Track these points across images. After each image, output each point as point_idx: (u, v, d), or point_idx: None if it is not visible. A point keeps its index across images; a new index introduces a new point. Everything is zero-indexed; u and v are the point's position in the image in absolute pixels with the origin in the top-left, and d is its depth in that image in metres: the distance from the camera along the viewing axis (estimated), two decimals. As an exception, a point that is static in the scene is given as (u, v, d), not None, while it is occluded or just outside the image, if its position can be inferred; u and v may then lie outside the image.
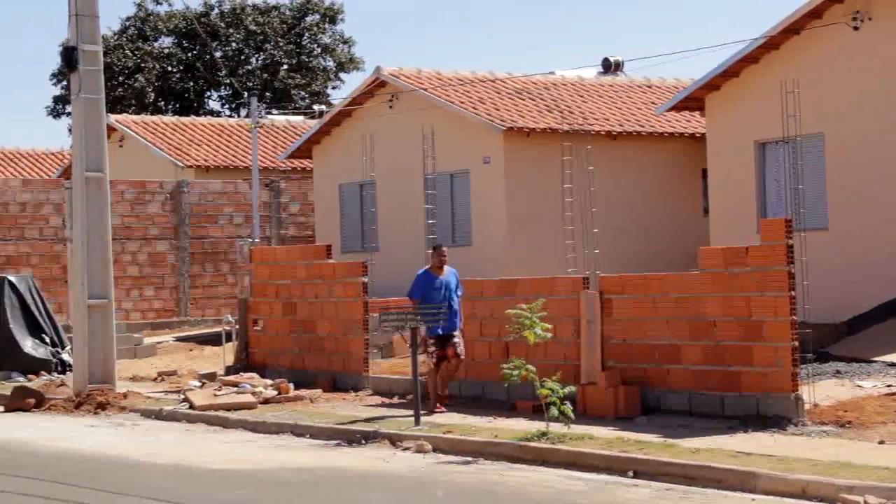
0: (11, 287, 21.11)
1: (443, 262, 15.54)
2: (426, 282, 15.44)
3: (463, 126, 24.50)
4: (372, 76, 25.94)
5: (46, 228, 26.69)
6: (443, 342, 15.30)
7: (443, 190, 24.78)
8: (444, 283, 15.43)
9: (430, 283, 15.41)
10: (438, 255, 15.59)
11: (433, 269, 15.55)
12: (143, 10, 48.21)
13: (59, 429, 15.48)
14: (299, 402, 16.78)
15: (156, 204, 28.17)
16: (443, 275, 15.49)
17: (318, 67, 49.03)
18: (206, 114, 46.61)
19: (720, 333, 13.75)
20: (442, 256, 15.57)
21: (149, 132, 33.29)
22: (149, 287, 27.91)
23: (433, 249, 15.88)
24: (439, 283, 15.39)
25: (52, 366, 20.56)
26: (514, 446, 12.52)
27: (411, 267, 24.38)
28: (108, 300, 18.11)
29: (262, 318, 19.77)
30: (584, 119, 24.93)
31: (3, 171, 38.37)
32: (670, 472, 11.14)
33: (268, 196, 29.45)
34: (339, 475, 11.82)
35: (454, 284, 15.55)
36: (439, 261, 15.54)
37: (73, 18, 18.00)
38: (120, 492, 10.82)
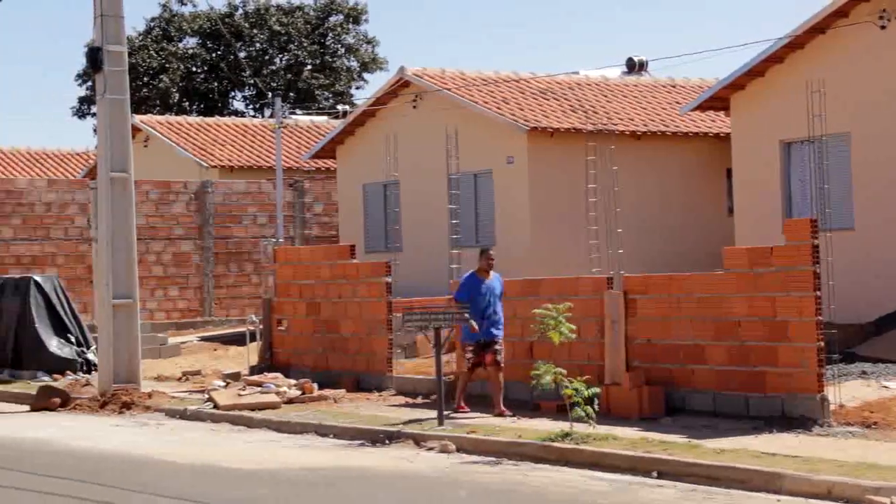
0: (37, 287, 21.21)
1: (490, 266, 15.20)
2: (473, 285, 15.08)
3: (487, 126, 24.48)
4: (396, 76, 25.96)
5: (72, 228, 26.81)
6: (482, 349, 14.96)
7: (466, 190, 24.77)
8: (490, 287, 15.11)
9: (477, 286, 15.05)
10: (486, 259, 15.21)
11: (480, 273, 15.22)
12: (167, 10, 48.40)
13: (84, 428, 15.54)
14: (323, 401, 16.79)
15: (180, 204, 28.27)
16: (489, 279, 15.16)
17: (341, 68, 49.10)
18: (230, 114, 46.74)
19: (745, 334, 13.70)
20: (490, 260, 15.21)
21: (173, 132, 33.41)
22: (173, 287, 28.01)
23: (481, 253, 15.48)
24: (485, 287, 15.06)
25: (77, 365, 20.65)
26: (537, 446, 12.50)
27: (435, 267, 24.46)
28: (133, 300, 18.17)
29: (286, 318, 19.80)
30: (609, 119, 24.87)
31: (29, 171, 38.57)
32: (694, 472, 11.10)
33: (292, 196, 29.51)
34: (363, 475, 11.83)
35: (499, 290, 15.21)
36: (487, 264, 15.19)
37: (99, 19, 18.07)
38: (144, 491, 10.86)
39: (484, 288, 15.03)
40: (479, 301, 14.90)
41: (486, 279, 15.13)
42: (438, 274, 23.85)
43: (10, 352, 21.03)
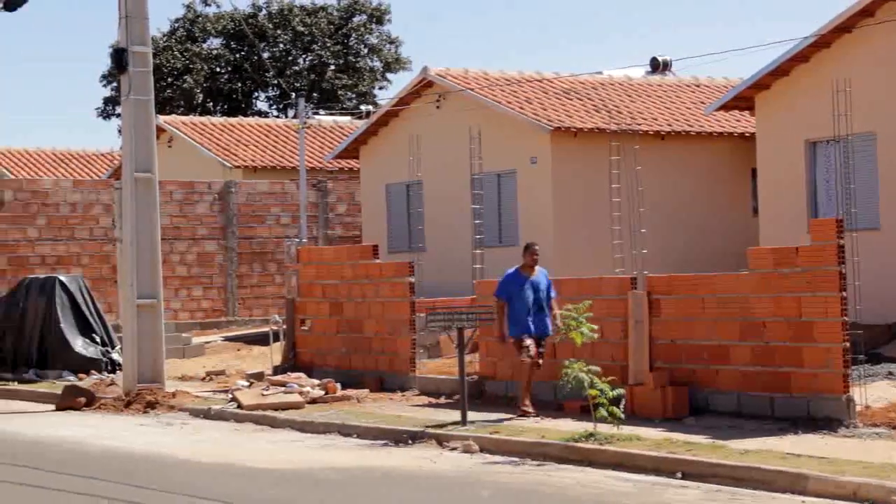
0: (62, 287, 21.31)
1: (535, 262, 14.80)
2: (514, 282, 14.75)
3: (510, 126, 24.45)
4: (419, 76, 25.96)
5: (96, 229, 26.92)
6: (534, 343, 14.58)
7: (489, 190, 24.75)
8: (535, 283, 14.72)
9: (519, 283, 14.72)
10: (531, 254, 14.84)
11: (523, 269, 14.85)
12: (191, 11, 48.56)
13: (109, 428, 15.60)
14: (346, 401, 16.81)
15: (204, 204, 28.35)
16: (533, 275, 14.78)
17: (365, 68, 49.16)
18: (253, 114, 46.86)
19: (770, 334, 13.64)
20: (534, 255, 14.81)
21: (197, 133, 33.52)
22: (197, 287, 28.09)
23: (525, 248, 15.10)
24: (529, 283, 14.69)
25: (102, 365, 20.72)
26: (561, 447, 12.47)
27: (458, 267, 24.45)
28: (157, 300, 18.23)
29: (309, 318, 19.83)
30: (632, 119, 24.81)
31: (54, 171, 38.77)
32: (719, 473, 11.06)
33: (315, 196, 29.56)
34: (386, 475, 11.83)
35: (545, 285, 14.82)
36: (532, 260, 14.80)
37: (123, 20, 18.13)
38: (169, 490, 10.89)
39: (529, 284, 14.66)
40: (523, 297, 14.56)
41: (530, 275, 14.76)
42: (462, 274, 23.84)
43: (36, 351, 21.13)
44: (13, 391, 19.84)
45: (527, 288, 14.66)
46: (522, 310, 14.62)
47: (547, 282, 14.88)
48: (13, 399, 19.34)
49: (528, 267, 14.85)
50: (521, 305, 14.61)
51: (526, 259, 14.89)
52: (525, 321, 14.61)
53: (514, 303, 14.65)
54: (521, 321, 14.64)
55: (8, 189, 26.47)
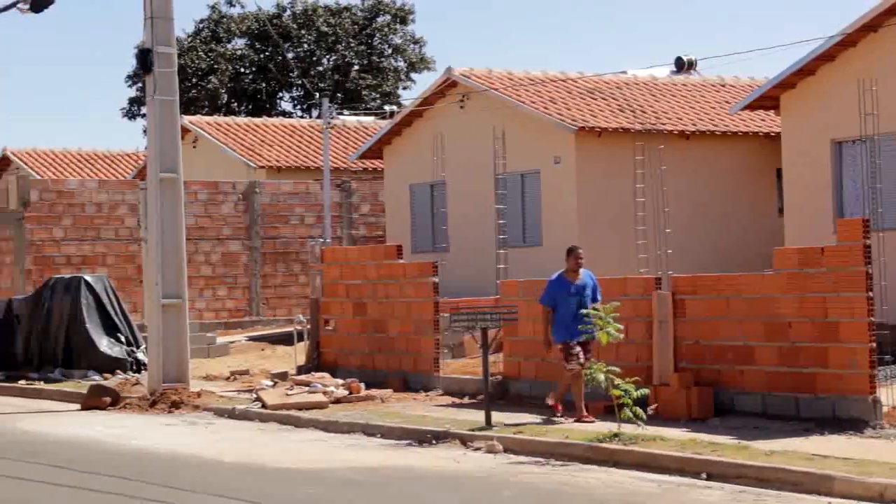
0: (88, 287, 21.39)
1: (579, 265, 14.47)
2: (559, 287, 14.41)
3: (534, 126, 24.42)
4: (443, 76, 25.96)
5: (122, 229, 27.03)
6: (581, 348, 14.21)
7: (513, 190, 24.73)
8: (580, 288, 14.37)
9: (565, 288, 14.38)
10: (575, 258, 14.46)
11: (568, 274, 14.51)
12: (216, 12, 48.71)
13: (134, 427, 15.66)
14: (370, 401, 16.82)
15: (228, 204, 28.44)
16: (578, 279, 14.44)
17: (388, 68, 49.20)
18: (278, 115, 46.97)
19: (795, 334, 13.57)
20: (578, 259, 14.46)
21: (221, 133, 33.62)
22: (222, 287, 28.17)
23: (568, 252, 14.66)
24: (574, 288, 14.36)
25: (127, 365, 20.79)
26: (585, 447, 12.45)
27: (482, 267, 24.44)
28: (182, 300, 18.28)
29: (333, 318, 19.85)
30: (657, 119, 24.75)
31: (80, 172, 38.96)
32: (744, 474, 11.02)
33: (339, 196, 29.60)
34: (410, 475, 11.83)
35: (591, 288, 14.47)
36: (576, 263, 14.46)
37: (149, 21, 18.19)
38: (194, 490, 10.92)
39: (573, 289, 14.35)
40: (569, 303, 14.23)
41: (574, 280, 14.43)
42: (485, 274, 23.83)
43: (62, 351, 21.21)
44: (39, 390, 19.94)
45: (572, 292, 14.32)
46: (568, 315, 14.25)
47: (593, 284, 14.54)
48: (39, 398, 19.44)
49: (572, 271, 14.51)
50: (567, 310, 14.25)
51: (570, 263, 14.53)
52: (571, 326, 14.21)
53: (559, 308, 14.31)
54: (568, 326, 14.25)
55: (34, 189, 26.60)
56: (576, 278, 14.47)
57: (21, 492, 11.06)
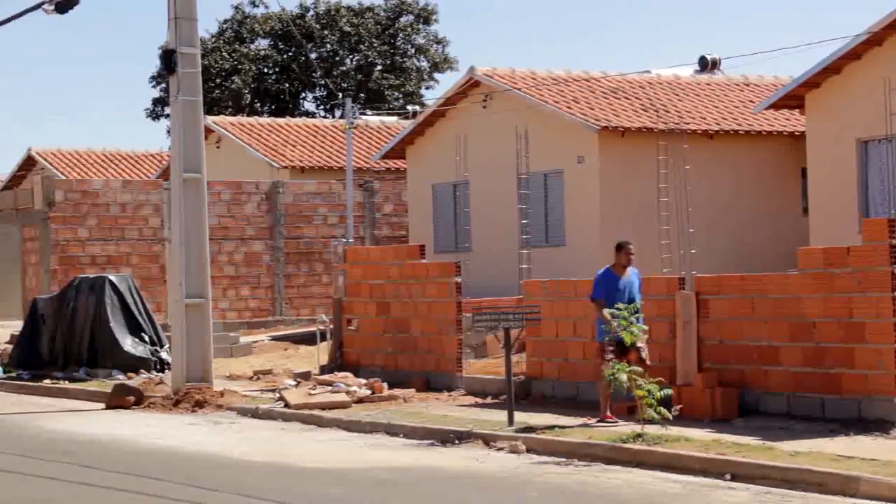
0: (112, 286, 21.46)
1: (629, 262, 14.15)
2: (609, 282, 14.10)
3: (557, 126, 24.38)
4: (466, 76, 25.95)
5: (146, 229, 27.13)
6: (623, 349, 13.71)
7: (536, 190, 24.70)
8: (628, 284, 14.08)
9: (614, 283, 14.05)
10: (626, 254, 14.13)
11: (616, 269, 14.20)
12: (239, 12, 48.83)
13: (158, 427, 15.70)
14: (393, 401, 16.81)
15: (252, 204, 28.50)
16: (626, 275, 14.13)
17: (411, 68, 49.22)
18: (301, 115, 47.05)
19: (820, 335, 13.50)
20: (630, 255, 14.12)
21: (245, 133, 33.70)
22: (245, 286, 28.23)
23: (618, 247, 14.32)
24: (623, 284, 14.04)
25: (151, 364, 20.85)
26: (608, 447, 12.41)
27: (505, 267, 24.41)
28: (206, 300, 18.32)
29: (356, 318, 19.85)
30: (681, 118, 24.67)
31: (105, 172, 39.13)
32: (769, 475, 10.96)
33: (362, 196, 29.63)
34: (433, 475, 11.82)
35: (637, 285, 14.24)
36: (627, 259, 14.13)
37: (173, 22, 18.23)
38: (219, 490, 10.94)
39: (621, 284, 14.03)
40: (617, 298, 13.82)
41: (622, 275, 14.11)
42: (508, 274, 23.80)
43: (86, 350, 21.29)
44: (64, 390, 20.03)
45: (619, 288, 14.01)
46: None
47: (638, 282, 14.26)
48: (64, 397, 19.53)
49: (621, 267, 14.19)
50: (612, 307, 13.79)
51: (619, 258, 14.21)
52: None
53: (608, 305, 13.86)
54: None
55: (59, 190, 26.73)
56: (623, 274, 14.16)
57: (47, 491, 11.11)
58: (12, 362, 22.09)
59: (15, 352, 22.31)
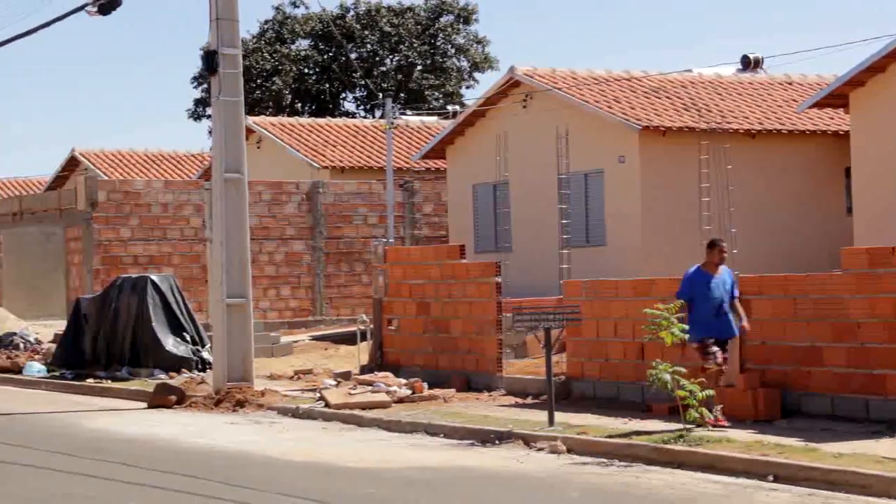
0: (154, 286, 21.58)
1: (722, 260, 13.70)
2: (698, 281, 13.64)
3: (597, 125, 24.30)
4: (506, 76, 25.91)
5: (187, 229, 27.28)
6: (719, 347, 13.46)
7: (577, 190, 24.62)
8: (720, 283, 13.62)
9: (704, 282, 13.60)
10: (719, 252, 13.69)
11: (707, 267, 13.73)
12: (280, 13, 49.02)
13: (199, 426, 15.77)
14: (433, 401, 16.80)
15: (292, 204, 28.59)
16: (718, 274, 13.67)
17: (452, 68, 49.24)
18: (341, 115, 47.18)
19: (864, 335, 13.36)
20: (722, 253, 13.69)
21: (286, 133, 33.81)
22: (285, 286, 28.33)
23: (710, 245, 13.90)
24: (714, 283, 13.60)
25: (192, 363, 20.95)
26: (650, 448, 12.34)
27: (545, 267, 24.37)
28: (247, 299, 18.38)
29: (396, 318, 19.86)
30: (723, 117, 24.52)
31: (147, 172, 39.39)
32: (812, 476, 10.85)
33: (402, 196, 29.65)
34: (474, 475, 11.80)
35: (730, 284, 13.76)
36: (719, 258, 13.68)
37: (214, 23, 18.31)
38: (260, 489, 10.97)
39: (713, 283, 13.59)
40: (708, 298, 13.50)
41: (714, 274, 13.65)
42: (548, 274, 23.75)
43: (128, 350, 21.42)
44: (107, 389, 20.16)
45: (711, 287, 13.59)
46: (706, 311, 13.53)
47: (731, 280, 13.82)
48: (107, 397, 19.66)
49: (713, 265, 13.74)
50: (705, 306, 13.51)
51: (711, 256, 13.77)
52: (709, 323, 13.53)
53: (696, 303, 13.56)
54: (705, 323, 13.53)
55: (102, 190, 26.93)
56: (716, 272, 13.72)
57: (91, 489, 11.18)
58: (56, 361, 22.27)
59: (58, 351, 22.49)
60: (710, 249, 13.88)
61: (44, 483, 11.46)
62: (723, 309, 13.59)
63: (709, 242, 14.05)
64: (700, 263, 13.94)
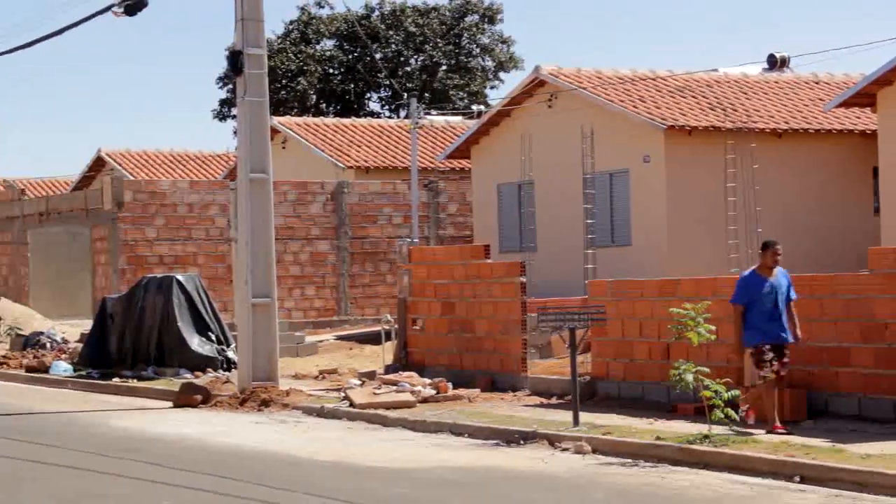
0: (179, 286, 21.64)
1: (776, 262, 13.29)
2: (753, 285, 13.26)
3: (622, 125, 24.24)
4: (531, 76, 25.88)
5: (212, 229, 27.37)
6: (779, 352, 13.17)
7: (601, 190, 24.57)
8: (775, 286, 13.23)
9: (759, 286, 13.21)
10: (773, 254, 13.27)
11: (762, 270, 13.34)
12: (305, 13, 49.11)
13: (225, 425, 15.80)
14: (457, 401, 16.79)
15: (317, 204, 28.64)
16: (773, 277, 13.27)
17: (476, 68, 49.23)
18: (366, 115, 47.23)
19: (892, 335, 13.27)
20: (777, 255, 13.27)
21: (310, 134, 33.87)
22: (310, 286, 28.38)
23: (764, 247, 13.45)
24: (769, 286, 13.20)
25: (217, 363, 21.00)
26: (675, 448, 12.30)
27: (570, 267, 24.32)
28: (272, 299, 18.41)
29: (420, 318, 19.86)
30: (748, 117, 24.42)
31: (172, 172, 39.53)
32: (839, 477, 10.79)
33: (426, 196, 29.66)
34: (497, 475, 11.78)
35: (786, 287, 13.34)
36: (773, 260, 13.28)
37: (240, 23, 18.34)
38: (288, 488, 10.98)
39: (768, 287, 13.20)
40: (764, 302, 13.14)
41: (769, 277, 13.26)
42: (573, 274, 23.71)
43: (154, 349, 21.50)
44: (132, 388, 20.24)
45: (767, 291, 13.20)
46: (761, 316, 13.17)
47: (787, 283, 13.39)
48: (133, 396, 19.73)
49: (767, 268, 13.34)
50: (761, 311, 13.15)
51: (765, 259, 13.36)
52: (765, 328, 13.17)
53: (751, 308, 13.20)
54: (761, 328, 13.21)
55: (128, 190, 27.05)
56: (771, 275, 13.33)
57: (124, 488, 11.22)
58: (82, 361, 22.37)
59: (84, 350, 22.59)
60: (764, 251, 13.49)
61: (78, 483, 11.51)
62: (778, 313, 13.20)
63: (763, 244, 13.61)
64: (754, 266, 13.62)
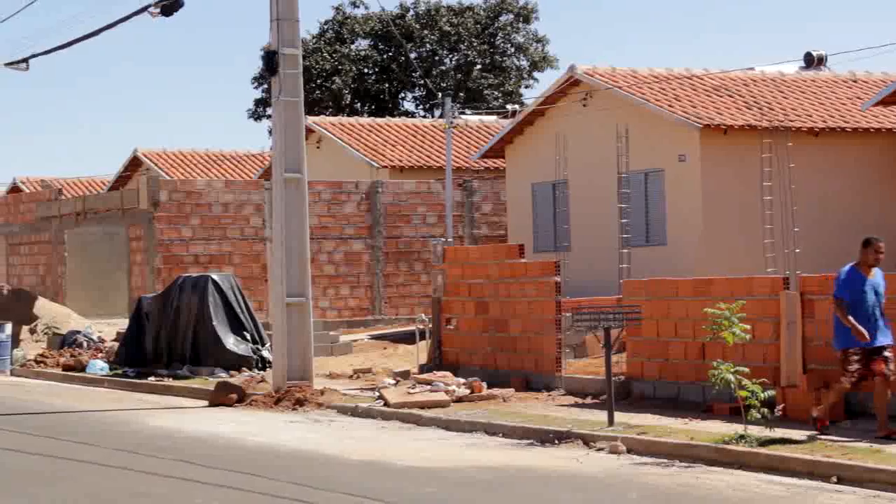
0: (215, 285, 21.73)
1: (878, 261, 12.74)
2: (856, 282, 12.71)
3: (658, 124, 24.14)
4: (566, 75, 25.82)
5: (247, 228, 27.47)
6: (868, 357, 12.65)
7: (636, 189, 24.48)
8: (874, 285, 12.72)
9: (859, 284, 12.68)
10: (875, 252, 12.70)
11: (861, 268, 12.77)
12: (340, 13, 49.22)
13: (260, 424, 15.86)
14: (492, 401, 16.77)
15: (351, 204, 28.69)
16: (872, 275, 12.74)
17: (511, 67, 49.19)
18: (400, 115, 47.29)
19: (930, 336, 13.13)
20: (879, 253, 12.70)
21: (345, 133, 33.95)
22: (344, 286, 28.43)
23: (865, 243, 12.83)
24: (869, 284, 12.68)
25: (252, 362, 21.08)
26: (711, 448, 12.23)
27: (604, 266, 24.24)
28: (306, 298, 18.46)
29: (455, 317, 19.85)
30: (785, 115, 24.27)
31: (207, 172, 39.70)
32: (877, 478, 10.70)
33: (461, 196, 29.65)
34: (531, 475, 11.76)
35: (883, 287, 12.84)
36: (875, 258, 12.72)
37: (275, 23, 18.40)
38: (323, 487, 11.00)
39: (867, 285, 12.67)
40: (863, 300, 12.60)
41: (868, 275, 12.71)
42: (608, 273, 23.63)
43: (189, 348, 21.60)
44: (168, 387, 20.34)
45: (867, 290, 12.67)
46: (861, 315, 12.60)
47: (884, 283, 12.86)
48: (168, 395, 19.83)
49: (867, 266, 12.76)
50: (860, 310, 12.62)
51: (866, 256, 12.77)
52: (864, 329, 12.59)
53: (853, 307, 12.65)
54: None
55: (163, 190, 27.19)
56: (870, 274, 12.76)
57: (155, 487, 11.28)
58: (118, 360, 22.51)
59: (121, 349, 22.74)
60: (864, 248, 12.84)
61: (114, 482, 11.58)
62: (875, 314, 12.68)
63: (864, 240, 12.90)
64: (853, 262, 12.95)
